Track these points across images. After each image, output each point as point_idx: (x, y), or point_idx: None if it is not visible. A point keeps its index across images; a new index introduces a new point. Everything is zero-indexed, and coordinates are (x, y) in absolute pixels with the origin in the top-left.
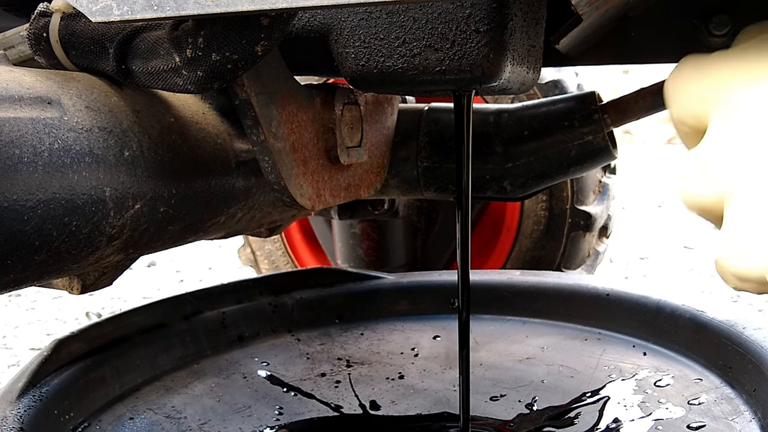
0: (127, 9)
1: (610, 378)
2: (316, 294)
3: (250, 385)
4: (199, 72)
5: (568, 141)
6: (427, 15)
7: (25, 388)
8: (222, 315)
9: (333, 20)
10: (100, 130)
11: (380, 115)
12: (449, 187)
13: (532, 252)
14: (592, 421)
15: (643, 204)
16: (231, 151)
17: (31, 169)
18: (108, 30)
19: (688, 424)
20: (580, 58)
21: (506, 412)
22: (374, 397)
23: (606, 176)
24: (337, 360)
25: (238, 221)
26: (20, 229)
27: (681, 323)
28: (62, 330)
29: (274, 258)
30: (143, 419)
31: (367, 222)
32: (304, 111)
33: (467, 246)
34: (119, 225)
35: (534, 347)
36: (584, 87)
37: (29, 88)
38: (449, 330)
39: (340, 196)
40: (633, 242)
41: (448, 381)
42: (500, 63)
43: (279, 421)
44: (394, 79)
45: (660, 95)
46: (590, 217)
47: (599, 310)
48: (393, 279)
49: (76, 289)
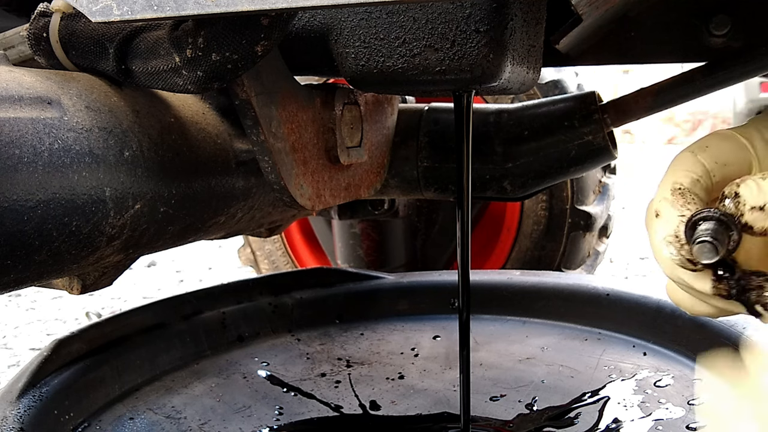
0: (127, 9)
1: (610, 378)
2: (316, 294)
3: (250, 385)
4: (199, 72)
5: (568, 141)
6: (427, 15)
7: (25, 388)
8: (222, 315)
9: (333, 20)
10: (100, 130)
11: (380, 115)
12: (449, 187)
13: (532, 252)
14: (592, 421)
15: (643, 204)
16: (231, 151)
17: (31, 169)
18: (108, 30)
19: (688, 424)
20: (580, 58)
21: (506, 412)
22: (374, 397)
23: (606, 176)
24: (337, 360)
25: (238, 221)
26: (20, 229)
27: (681, 323)
28: (62, 330)
29: (274, 258)
30: (143, 419)
31: (367, 222)
32: (304, 111)
33: (467, 246)
34: (119, 225)
35: (534, 347)
36: (584, 87)
37: (29, 88)
38: (449, 330)
39: (340, 196)
40: (633, 242)
41: (448, 381)
42: (500, 63)
43: (279, 421)
44: (394, 79)
45: (660, 95)
46: (590, 217)
47: (599, 310)
48: (393, 279)
49: (76, 289)
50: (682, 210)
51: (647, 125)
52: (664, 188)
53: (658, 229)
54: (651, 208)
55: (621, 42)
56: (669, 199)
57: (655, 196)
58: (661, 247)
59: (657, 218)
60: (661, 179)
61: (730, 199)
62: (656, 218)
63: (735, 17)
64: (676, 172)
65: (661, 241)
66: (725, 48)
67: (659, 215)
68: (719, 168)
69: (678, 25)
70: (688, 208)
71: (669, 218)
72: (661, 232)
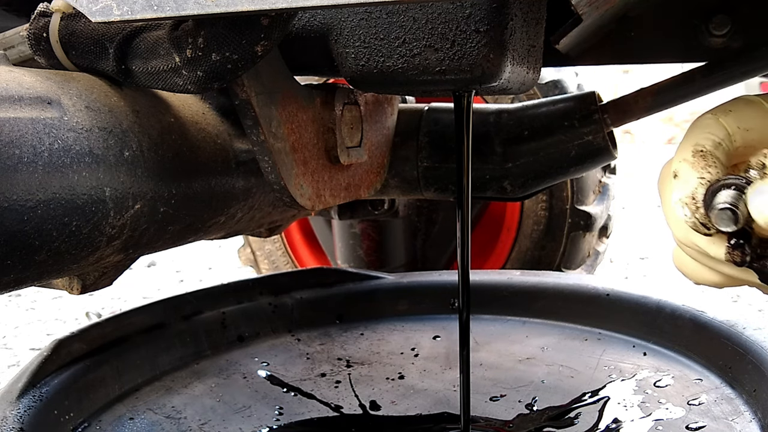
0: (127, 9)
1: (610, 378)
2: (316, 294)
3: (250, 385)
4: (199, 72)
5: (568, 141)
6: (427, 15)
7: (25, 388)
8: (222, 315)
9: (333, 20)
10: (100, 130)
11: (380, 115)
12: (449, 187)
13: (532, 252)
14: (592, 422)
15: (643, 204)
16: (231, 151)
17: (31, 169)
18: (108, 30)
19: (688, 424)
20: (580, 58)
21: (506, 412)
22: (374, 398)
23: (606, 176)
24: (337, 360)
25: (238, 221)
26: (20, 229)
27: (681, 323)
28: (62, 330)
29: (274, 258)
30: (143, 419)
31: (367, 222)
32: (304, 111)
33: (467, 246)
34: (119, 225)
35: (534, 347)
36: (584, 87)
37: (29, 88)
38: (449, 330)
39: (340, 196)
40: (633, 242)
41: (448, 381)
42: (500, 63)
43: (279, 421)
44: (394, 79)
45: (660, 95)
46: (590, 217)
47: (599, 310)
48: (393, 279)
49: (76, 289)
50: (702, 173)
51: (647, 125)
52: (684, 150)
53: (674, 190)
54: (667, 169)
55: (621, 42)
56: (689, 161)
57: (674, 157)
58: (676, 209)
59: (674, 179)
60: (681, 141)
61: (757, 170)
62: (673, 179)
63: (735, 17)
64: (698, 135)
65: (677, 202)
66: (725, 48)
67: (677, 176)
68: (741, 133)
69: (678, 25)
70: (708, 171)
71: (688, 179)
72: (678, 192)
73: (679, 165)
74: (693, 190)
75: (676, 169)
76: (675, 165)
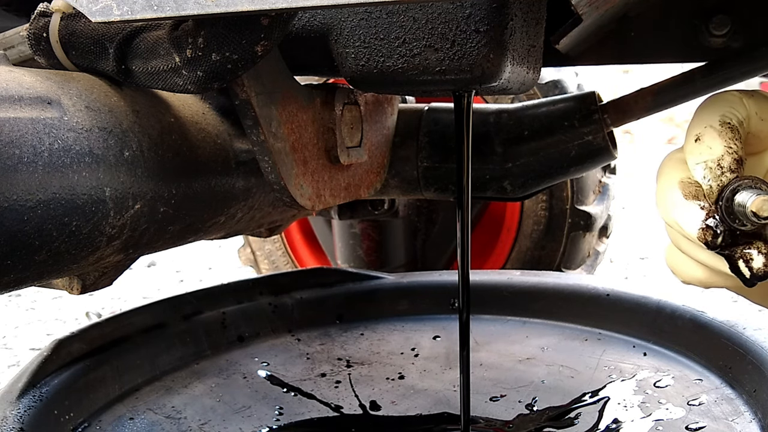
0: (127, 9)
1: (610, 378)
2: (316, 294)
3: (250, 385)
4: (199, 72)
5: (568, 141)
6: (427, 15)
7: (25, 388)
8: (222, 315)
9: (333, 20)
10: (100, 130)
11: (380, 115)
12: (449, 187)
13: (532, 252)
14: (592, 422)
15: (643, 204)
16: (231, 151)
17: (31, 169)
18: (108, 30)
19: (688, 424)
20: (580, 58)
21: (506, 412)
22: (374, 398)
23: (606, 176)
24: (337, 360)
25: (238, 221)
26: (20, 229)
27: (681, 323)
28: (62, 330)
29: (274, 258)
30: (143, 419)
31: (367, 222)
32: (304, 111)
33: (467, 246)
34: (119, 225)
35: (534, 347)
36: (584, 87)
37: (29, 88)
38: (449, 330)
39: (340, 196)
40: (633, 242)
41: (448, 381)
42: (500, 63)
43: (279, 421)
44: (394, 79)
45: (660, 95)
46: (590, 217)
47: (599, 310)
48: (393, 279)
49: (76, 289)
50: (730, 143)
51: (647, 125)
52: (709, 117)
53: (695, 153)
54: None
55: (621, 42)
56: (717, 129)
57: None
58: (696, 170)
59: (696, 143)
60: (700, 111)
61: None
62: (695, 143)
63: (735, 17)
64: (724, 107)
65: (700, 164)
66: (725, 48)
67: (700, 140)
68: (756, 121)
69: (678, 25)
70: (734, 143)
71: (713, 145)
72: (701, 156)
73: (705, 130)
74: (719, 157)
75: (700, 133)
76: (699, 130)
